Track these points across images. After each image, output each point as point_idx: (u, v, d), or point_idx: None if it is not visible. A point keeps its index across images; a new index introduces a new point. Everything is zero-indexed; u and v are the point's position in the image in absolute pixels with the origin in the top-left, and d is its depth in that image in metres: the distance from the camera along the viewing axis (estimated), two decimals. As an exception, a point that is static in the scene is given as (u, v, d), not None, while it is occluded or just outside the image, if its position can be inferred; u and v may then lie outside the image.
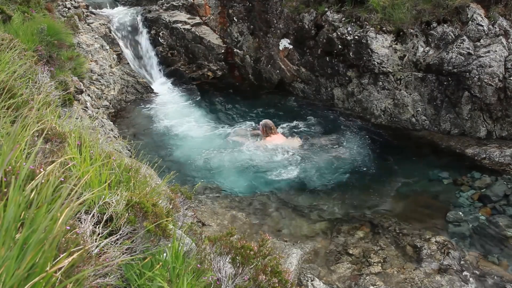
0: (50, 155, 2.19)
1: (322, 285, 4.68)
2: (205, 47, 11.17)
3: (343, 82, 9.18)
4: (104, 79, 8.93)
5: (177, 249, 2.06)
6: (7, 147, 1.56)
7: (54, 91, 4.23)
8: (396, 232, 5.73)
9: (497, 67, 7.01)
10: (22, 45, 4.38)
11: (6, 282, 1.15)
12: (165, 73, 11.47)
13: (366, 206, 6.40)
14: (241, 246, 2.40)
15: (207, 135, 8.73)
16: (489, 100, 7.18)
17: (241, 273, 2.34)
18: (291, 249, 5.21)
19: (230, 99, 10.50)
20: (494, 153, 7.06)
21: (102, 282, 1.65)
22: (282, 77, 10.46)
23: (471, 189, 6.57)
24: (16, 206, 1.30)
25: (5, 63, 3.29)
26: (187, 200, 3.67)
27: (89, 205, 2.06)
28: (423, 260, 5.17)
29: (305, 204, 6.49)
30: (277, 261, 2.52)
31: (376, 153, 7.86)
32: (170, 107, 9.93)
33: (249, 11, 10.69)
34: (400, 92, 8.25)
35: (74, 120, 3.21)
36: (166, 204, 2.82)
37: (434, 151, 7.73)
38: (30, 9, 6.57)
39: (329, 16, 8.93)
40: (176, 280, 1.94)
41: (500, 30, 7.23)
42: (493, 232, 5.69)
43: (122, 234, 2.00)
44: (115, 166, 2.51)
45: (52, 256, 1.28)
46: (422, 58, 7.84)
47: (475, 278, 4.94)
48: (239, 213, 6.13)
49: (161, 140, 8.45)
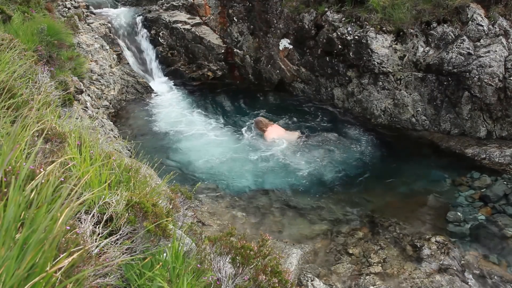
0: (50, 155, 2.19)
1: (322, 285, 4.69)
2: (205, 47, 11.17)
3: (343, 82, 9.19)
4: (104, 79, 8.93)
5: (177, 249, 2.06)
6: (7, 147, 1.56)
7: (54, 91, 4.23)
8: (396, 232, 5.73)
9: (497, 67, 7.01)
10: (22, 45, 4.38)
11: (6, 282, 1.15)
12: (165, 73, 11.47)
13: (366, 206, 6.40)
14: (241, 246, 2.40)
15: (207, 135, 8.73)
16: (489, 100, 7.18)
17: (241, 273, 2.34)
18: (291, 249, 5.21)
19: (230, 99, 10.50)
20: (494, 153, 7.06)
21: (102, 282, 1.65)
22: (282, 77, 10.46)
23: (471, 189, 6.57)
24: (16, 206, 1.30)
25: (5, 63, 3.29)
26: (187, 200, 3.67)
27: (89, 205, 2.06)
28: (423, 260, 5.17)
29: (305, 204, 6.49)
30: (277, 261, 2.52)
31: (376, 153, 7.86)
32: (170, 107, 9.93)
33: (249, 11, 10.69)
34: (400, 92, 8.25)
35: (74, 120, 3.21)
36: (166, 204, 2.82)
37: (434, 151, 7.73)
38: (30, 9, 6.57)
39: (329, 16, 8.93)
40: (176, 280, 1.95)
41: (500, 30, 7.23)
42: (493, 232, 5.69)
43: (122, 234, 2.00)
44: (115, 166, 2.51)
45: (52, 256, 1.28)
46: (422, 58, 7.84)
47: (475, 278, 4.94)
48: (239, 213, 6.13)
49: (161, 140, 8.45)
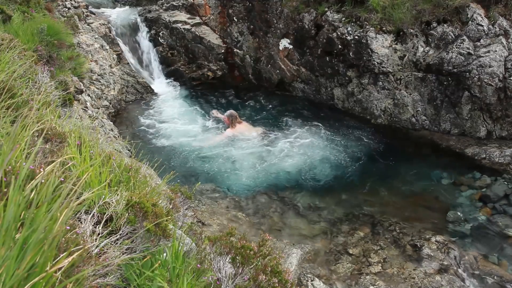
0: (50, 155, 2.19)
1: (322, 285, 4.69)
2: (205, 47, 11.17)
3: (343, 82, 9.19)
4: (104, 79, 8.93)
5: (177, 249, 2.06)
6: (7, 147, 1.56)
7: (54, 91, 4.23)
8: (396, 232, 5.73)
9: (497, 67, 7.01)
10: (22, 45, 4.38)
11: (6, 282, 1.15)
12: (165, 73, 11.46)
13: (366, 206, 6.40)
14: (241, 246, 2.40)
15: (207, 135, 8.73)
16: (489, 100, 7.18)
17: (241, 273, 2.34)
18: (291, 249, 5.21)
19: (230, 99, 10.50)
20: (494, 153, 7.06)
21: (102, 282, 1.65)
22: (282, 77, 10.46)
23: (471, 189, 6.57)
24: (16, 206, 1.30)
25: (5, 63, 3.29)
26: (187, 200, 3.67)
27: (89, 205, 2.06)
28: (423, 260, 5.17)
29: (305, 204, 6.49)
30: (277, 261, 2.52)
31: (376, 153, 7.86)
32: (170, 107, 9.93)
33: (249, 11, 10.69)
34: (400, 92, 8.25)
35: (74, 120, 3.21)
36: (166, 204, 2.82)
37: (434, 151, 7.73)
38: (30, 9, 6.56)
39: (329, 16, 8.93)
40: (176, 280, 1.94)
41: (500, 30, 7.23)
42: (493, 232, 5.70)
43: (122, 234, 2.00)
44: (115, 166, 2.51)
45: (52, 256, 1.28)
46: (422, 58, 7.84)
47: (475, 278, 4.94)
48: (239, 213, 6.13)
49: (161, 140, 8.44)
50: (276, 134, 8.59)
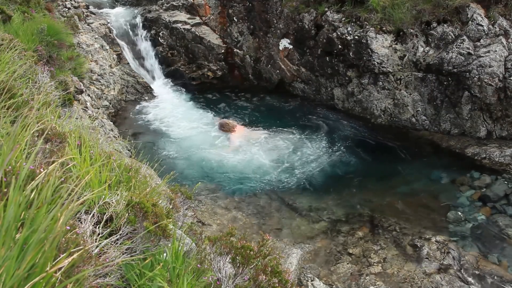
0: (50, 155, 2.19)
1: (322, 285, 4.69)
2: (205, 47, 11.17)
3: (343, 82, 9.18)
4: (104, 79, 8.93)
5: (177, 249, 2.06)
6: (7, 147, 1.56)
7: (54, 91, 4.23)
8: (396, 232, 5.73)
9: (497, 67, 7.01)
10: (22, 45, 4.38)
11: (6, 282, 1.15)
12: (165, 73, 11.46)
13: (366, 206, 6.40)
14: (241, 246, 2.40)
15: (207, 135, 8.73)
16: (489, 100, 7.17)
17: (241, 273, 2.34)
18: (291, 249, 5.21)
19: (230, 99, 10.50)
20: (494, 153, 7.06)
21: (102, 282, 1.65)
22: (282, 77, 10.46)
23: (471, 189, 6.57)
24: (16, 206, 1.30)
25: (5, 63, 3.29)
26: (187, 200, 3.67)
27: (89, 205, 2.06)
28: (423, 260, 5.17)
29: (305, 204, 6.49)
30: (277, 261, 2.52)
31: (376, 153, 7.86)
32: (170, 107, 9.93)
33: (249, 11, 10.69)
34: (400, 92, 8.25)
35: (74, 120, 3.21)
36: (166, 204, 2.82)
37: (434, 151, 7.73)
38: (30, 9, 6.56)
39: (329, 16, 8.93)
40: (176, 280, 1.94)
41: (500, 30, 7.23)
42: (493, 232, 5.69)
43: (122, 234, 2.00)
44: (115, 166, 2.51)
45: (52, 256, 1.28)
46: (422, 58, 7.84)
47: (475, 278, 4.94)
48: (239, 213, 6.13)
49: (161, 140, 8.45)
50: (276, 135, 8.59)
